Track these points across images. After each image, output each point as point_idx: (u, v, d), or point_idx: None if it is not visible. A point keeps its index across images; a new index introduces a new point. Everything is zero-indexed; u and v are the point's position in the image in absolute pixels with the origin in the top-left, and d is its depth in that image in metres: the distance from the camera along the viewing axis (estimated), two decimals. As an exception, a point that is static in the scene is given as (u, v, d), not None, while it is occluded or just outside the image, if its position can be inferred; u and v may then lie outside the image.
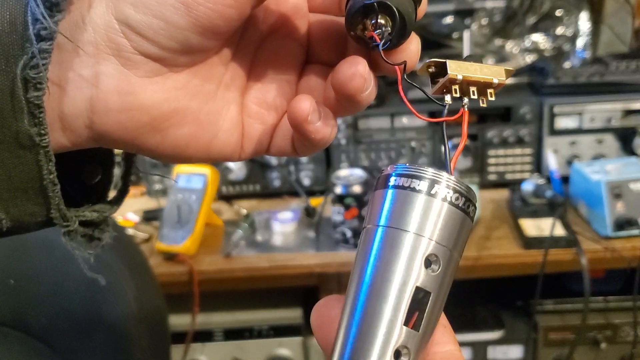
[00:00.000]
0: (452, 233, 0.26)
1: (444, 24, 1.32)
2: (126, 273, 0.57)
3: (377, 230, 0.26)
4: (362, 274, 0.25)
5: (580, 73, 1.13)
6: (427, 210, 0.25)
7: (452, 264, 0.26)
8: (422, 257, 0.25)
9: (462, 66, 0.30)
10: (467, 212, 0.26)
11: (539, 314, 1.04)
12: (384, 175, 0.27)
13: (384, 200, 0.26)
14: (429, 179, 0.26)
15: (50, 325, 0.46)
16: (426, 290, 0.25)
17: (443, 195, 0.26)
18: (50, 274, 0.48)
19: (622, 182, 0.94)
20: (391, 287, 0.25)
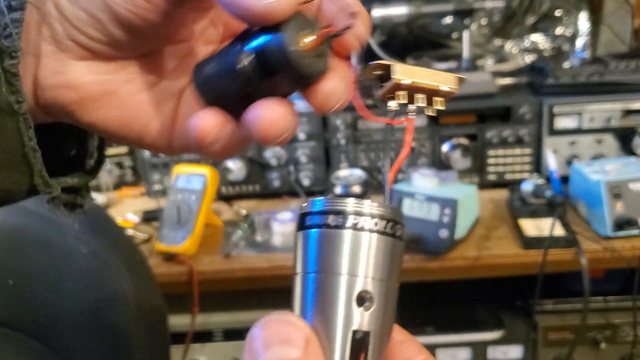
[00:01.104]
0: (385, 263, 0.25)
1: (444, 24, 1.32)
2: (125, 273, 0.57)
3: (307, 278, 0.24)
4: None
5: (580, 73, 1.13)
6: (355, 247, 0.24)
7: (390, 294, 0.25)
8: (354, 299, 0.24)
9: (410, 70, 0.28)
10: (396, 236, 0.25)
11: (538, 314, 1.04)
12: (303, 214, 0.25)
13: (308, 243, 0.25)
14: (352, 212, 0.24)
15: (48, 325, 0.46)
16: (364, 330, 0.24)
17: (369, 226, 0.24)
18: (48, 274, 0.48)
19: (622, 182, 0.94)
20: (329, 337, 0.23)
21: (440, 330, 1.08)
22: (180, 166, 1.08)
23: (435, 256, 0.93)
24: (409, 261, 0.94)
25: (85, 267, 0.52)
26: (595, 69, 1.14)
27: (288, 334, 0.23)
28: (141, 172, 1.24)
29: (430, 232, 0.93)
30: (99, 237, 0.57)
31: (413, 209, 0.96)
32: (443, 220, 0.92)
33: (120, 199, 1.26)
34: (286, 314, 0.24)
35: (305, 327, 0.23)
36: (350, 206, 0.24)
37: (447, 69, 1.24)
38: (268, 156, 1.15)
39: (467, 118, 1.13)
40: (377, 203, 0.25)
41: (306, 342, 0.23)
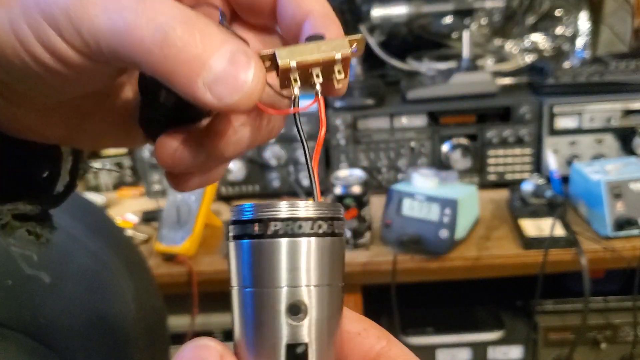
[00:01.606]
0: (325, 266, 0.23)
1: (444, 24, 1.32)
2: (125, 273, 0.57)
3: (241, 292, 0.23)
4: (239, 344, 0.23)
5: (580, 73, 1.13)
6: (291, 255, 0.22)
7: (333, 296, 0.24)
8: (285, 311, 0.22)
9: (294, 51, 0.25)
10: (335, 234, 0.23)
11: (538, 314, 1.04)
12: (234, 222, 0.24)
13: (238, 254, 0.23)
14: (286, 218, 0.22)
15: (48, 325, 0.46)
16: (299, 342, 0.23)
17: (307, 230, 0.22)
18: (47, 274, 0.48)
19: (622, 182, 0.94)
20: (266, 353, 0.23)
21: (441, 330, 1.08)
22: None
23: (436, 256, 0.93)
24: (409, 261, 0.94)
25: (85, 268, 0.52)
26: (595, 69, 1.14)
27: (201, 357, 0.23)
28: (141, 173, 1.24)
29: (430, 232, 0.93)
30: (98, 238, 0.57)
31: (413, 209, 0.96)
32: (443, 221, 0.92)
33: (119, 199, 1.26)
34: (199, 339, 0.23)
35: (217, 345, 0.23)
36: (283, 211, 0.22)
37: (446, 69, 1.24)
38: (268, 156, 1.15)
39: (467, 118, 1.13)
40: (312, 203, 0.23)
41: (220, 358, 0.23)
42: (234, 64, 0.23)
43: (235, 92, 0.23)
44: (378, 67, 1.34)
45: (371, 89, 1.19)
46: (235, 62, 0.23)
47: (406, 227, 0.95)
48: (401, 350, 0.25)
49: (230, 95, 0.23)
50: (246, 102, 0.24)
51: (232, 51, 0.23)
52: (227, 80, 0.23)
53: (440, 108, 1.13)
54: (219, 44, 0.23)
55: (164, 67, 0.23)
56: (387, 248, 0.97)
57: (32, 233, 0.32)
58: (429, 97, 1.15)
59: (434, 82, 1.18)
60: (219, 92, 0.23)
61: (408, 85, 1.19)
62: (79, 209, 0.60)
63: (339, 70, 0.26)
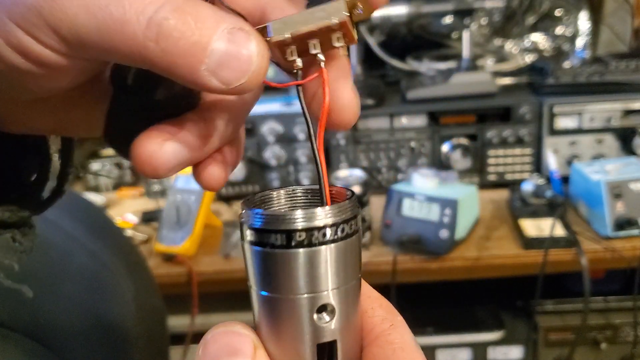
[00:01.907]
0: (346, 267, 0.22)
1: (444, 23, 1.32)
2: (124, 273, 0.57)
3: (261, 297, 0.23)
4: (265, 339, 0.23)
5: (580, 73, 1.13)
6: (310, 264, 0.22)
7: (353, 292, 0.24)
8: (314, 316, 0.22)
9: (287, 23, 0.24)
10: (354, 233, 0.23)
11: (539, 314, 1.04)
12: (247, 227, 0.23)
13: (256, 260, 0.22)
14: (306, 229, 0.21)
15: (47, 325, 0.46)
16: (328, 341, 0.23)
17: (326, 238, 0.22)
18: (47, 275, 0.48)
19: (622, 182, 0.94)
20: (296, 353, 0.23)
21: (441, 330, 1.07)
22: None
23: (436, 256, 0.93)
24: (409, 261, 0.94)
25: (85, 268, 0.52)
26: (595, 69, 1.14)
27: (235, 344, 0.22)
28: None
29: (430, 232, 0.93)
30: (98, 238, 0.57)
31: (413, 209, 0.95)
32: (443, 221, 0.92)
33: (119, 200, 1.26)
34: (231, 324, 0.23)
35: (251, 334, 0.23)
36: (302, 222, 0.21)
37: (446, 69, 1.24)
38: (268, 156, 1.15)
39: (467, 118, 1.13)
40: (330, 208, 0.22)
41: (254, 349, 0.22)
42: (234, 44, 0.22)
43: (241, 74, 0.22)
44: (378, 67, 1.34)
45: (371, 89, 1.19)
46: (235, 41, 0.22)
47: (406, 227, 0.95)
48: (401, 336, 0.25)
49: (238, 79, 0.22)
50: (254, 81, 0.23)
51: (230, 30, 0.22)
52: (230, 62, 0.22)
53: (440, 108, 1.13)
54: (215, 24, 0.22)
55: (163, 60, 0.22)
56: (387, 248, 0.97)
57: (15, 240, 0.30)
58: (429, 97, 1.15)
59: (434, 82, 1.18)
60: (225, 77, 0.22)
61: (408, 85, 1.18)
62: (79, 210, 0.60)
63: (337, 38, 0.24)
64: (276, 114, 1.13)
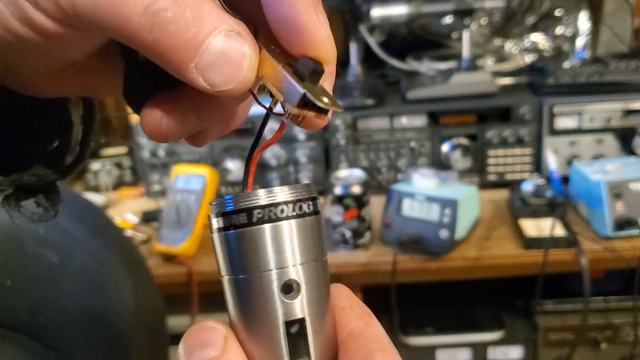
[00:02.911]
0: (307, 243, 0.24)
1: (443, 23, 1.32)
2: (124, 273, 0.57)
3: (231, 281, 0.24)
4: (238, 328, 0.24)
5: (580, 73, 1.13)
6: (274, 239, 0.23)
7: (320, 270, 0.25)
8: (278, 291, 0.23)
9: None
10: (311, 213, 0.24)
11: (539, 314, 1.04)
12: (216, 215, 0.24)
13: (224, 245, 0.24)
14: (267, 205, 0.23)
15: (48, 325, 0.46)
16: (297, 318, 0.24)
17: (286, 214, 0.23)
18: (47, 274, 0.48)
19: (622, 182, 0.94)
20: (265, 334, 0.24)
21: (441, 330, 1.07)
22: (179, 166, 1.08)
23: (436, 257, 0.93)
24: (408, 261, 0.94)
25: (84, 268, 0.52)
26: (595, 69, 1.14)
27: (206, 338, 0.23)
28: (140, 173, 1.24)
29: (430, 232, 0.93)
30: (98, 238, 0.57)
31: (413, 209, 0.95)
32: (443, 221, 0.92)
33: (119, 200, 1.26)
34: (204, 321, 0.24)
35: (222, 327, 0.24)
36: (262, 199, 0.23)
37: (446, 69, 1.24)
38: (268, 156, 1.15)
39: (467, 118, 1.13)
40: (288, 187, 0.24)
41: (224, 340, 0.23)
42: (228, 48, 0.22)
43: (230, 80, 0.22)
44: (378, 67, 1.34)
45: (371, 89, 1.19)
46: (230, 45, 0.22)
47: (406, 227, 0.95)
48: (375, 335, 0.25)
49: (225, 84, 0.22)
50: (240, 89, 0.23)
51: (227, 32, 0.22)
52: (221, 67, 0.22)
53: (440, 108, 1.13)
54: (213, 24, 0.22)
55: (154, 49, 0.22)
56: (387, 248, 0.97)
57: (40, 205, 0.31)
58: (429, 97, 1.15)
59: (434, 82, 1.18)
60: (213, 79, 0.22)
61: (408, 85, 1.18)
62: (79, 209, 0.60)
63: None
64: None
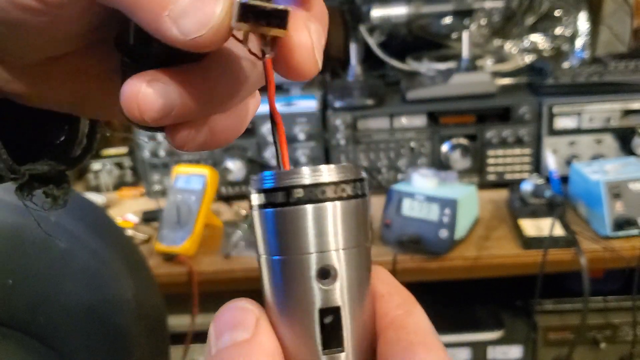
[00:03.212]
0: (347, 230, 0.23)
1: (443, 24, 1.32)
2: (125, 272, 0.57)
3: (269, 260, 0.23)
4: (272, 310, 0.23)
5: (579, 73, 1.13)
6: (318, 221, 0.22)
7: (361, 257, 0.23)
8: (314, 276, 0.22)
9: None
10: (359, 195, 0.23)
11: (538, 314, 1.04)
12: (256, 191, 0.23)
13: (264, 223, 0.23)
14: (309, 184, 0.22)
15: (48, 324, 0.46)
16: (333, 306, 0.23)
17: (331, 195, 0.22)
18: (48, 274, 0.48)
19: (621, 182, 0.94)
20: (298, 320, 0.23)
21: (440, 330, 1.06)
22: (180, 166, 1.08)
23: (435, 256, 0.93)
24: (408, 261, 0.94)
25: (85, 267, 0.52)
26: (594, 69, 1.14)
27: (237, 319, 0.23)
28: (141, 173, 1.24)
29: (430, 232, 0.93)
30: (98, 237, 0.57)
31: (413, 209, 0.96)
32: (443, 221, 0.92)
33: (120, 200, 1.26)
34: (236, 300, 0.23)
35: (254, 308, 0.23)
36: (307, 177, 0.22)
37: (446, 69, 1.24)
38: (268, 156, 1.15)
39: (467, 118, 1.13)
40: (334, 166, 0.23)
41: (256, 321, 0.22)
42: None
43: (202, 26, 0.21)
44: (378, 67, 1.34)
45: (371, 89, 1.19)
46: None
47: (406, 227, 0.95)
48: (416, 325, 0.24)
49: (198, 30, 0.21)
50: (213, 37, 0.22)
51: None
52: (194, 13, 0.21)
53: (440, 108, 1.13)
54: None
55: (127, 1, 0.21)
56: (387, 248, 0.97)
57: (49, 195, 0.31)
58: (428, 97, 1.15)
59: (433, 82, 1.18)
60: (186, 27, 0.21)
61: (408, 85, 1.19)
62: (80, 209, 0.60)
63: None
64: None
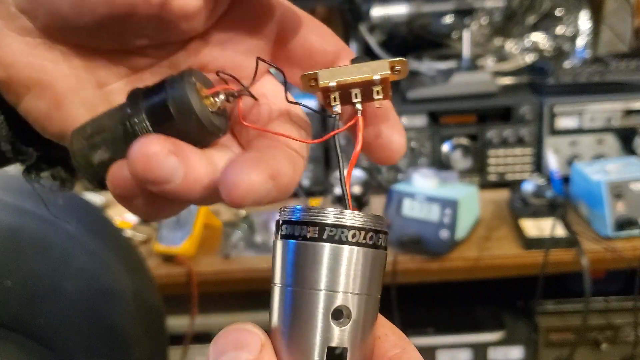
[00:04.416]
0: (366, 276, 0.24)
1: (444, 23, 1.32)
2: (124, 273, 0.57)
3: (283, 291, 0.24)
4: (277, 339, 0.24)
5: (581, 73, 1.13)
6: (334, 261, 0.23)
7: (371, 306, 0.24)
8: (330, 315, 0.23)
9: (335, 72, 0.27)
10: (378, 246, 0.24)
11: (539, 314, 1.04)
12: (282, 222, 0.25)
13: (286, 253, 0.24)
14: (332, 224, 0.23)
15: (47, 325, 0.46)
16: (341, 347, 0.23)
17: (351, 239, 0.23)
18: (47, 275, 0.48)
19: (623, 182, 0.94)
20: (305, 352, 0.23)
21: (441, 331, 1.07)
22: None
23: (436, 257, 0.93)
24: (409, 262, 0.94)
25: (84, 267, 0.52)
26: (595, 69, 1.13)
27: (243, 340, 0.23)
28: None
29: (430, 232, 0.93)
30: (97, 238, 0.57)
31: (413, 209, 0.95)
32: (443, 221, 0.92)
33: (119, 200, 1.26)
34: (243, 323, 0.24)
35: (260, 333, 0.23)
36: (331, 217, 0.23)
37: (446, 69, 1.24)
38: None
39: (468, 118, 1.13)
40: (359, 213, 0.24)
41: (261, 347, 0.23)
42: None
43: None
44: (378, 67, 1.33)
45: (371, 89, 1.18)
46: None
47: (406, 228, 0.94)
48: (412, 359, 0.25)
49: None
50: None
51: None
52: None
53: (441, 108, 1.13)
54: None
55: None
56: (387, 248, 0.97)
57: (57, 178, 0.31)
58: (429, 97, 1.14)
59: (434, 82, 1.18)
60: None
61: (408, 85, 1.18)
62: (78, 209, 0.60)
63: (377, 91, 0.27)
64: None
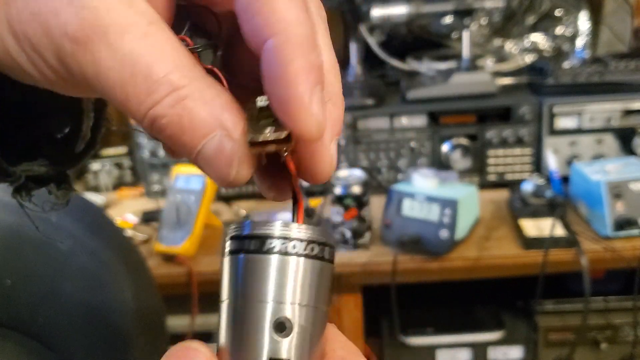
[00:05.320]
0: (312, 287, 0.24)
1: (443, 24, 1.32)
2: (124, 273, 0.57)
3: (231, 306, 0.24)
4: (223, 356, 0.24)
5: (580, 73, 1.13)
6: (281, 272, 0.23)
7: (318, 318, 0.24)
8: (271, 327, 0.23)
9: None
10: (324, 259, 0.24)
11: (539, 314, 1.04)
12: (228, 239, 0.25)
13: (230, 268, 0.24)
14: (278, 236, 0.23)
15: (47, 325, 0.46)
16: (280, 358, 0.23)
17: (296, 250, 0.24)
18: (46, 274, 0.48)
19: (622, 182, 0.94)
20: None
21: (441, 331, 1.07)
22: (179, 167, 1.08)
23: (436, 257, 0.93)
24: (409, 262, 0.94)
25: (84, 267, 0.52)
26: (595, 69, 1.14)
27: (189, 358, 0.23)
28: (140, 173, 1.24)
29: (430, 232, 0.93)
30: (97, 238, 0.57)
31: (413, 209, 0.95)
32: (443, 221, 0.92)
33: (119, 200, 1.26)
34: (188, 342, 0.24)
35: (206, 350, 0.24)
36: (277, 230, 0.24)
37: (446, 69, 1.24)
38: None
39: (467, 118, 1.13)
40: (305, 226, 0.24)
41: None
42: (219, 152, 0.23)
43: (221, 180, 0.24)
44: (378, 67, 1.34)
45: (371, 89, 1.19)
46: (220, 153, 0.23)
47: (406, 228, 0.95)
48: None
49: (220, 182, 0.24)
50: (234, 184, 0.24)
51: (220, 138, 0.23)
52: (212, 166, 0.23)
53: (440, 108, 1.13)
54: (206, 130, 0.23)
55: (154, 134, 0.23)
56: (387, 248, 0.97)
57: (51, 194, 0.31)
58: (429, 97, 1.15)
59: (434, 82, 1.18)
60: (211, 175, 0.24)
61: (408, 85, 1.18)
62: (79, 209, 0.60)
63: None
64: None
